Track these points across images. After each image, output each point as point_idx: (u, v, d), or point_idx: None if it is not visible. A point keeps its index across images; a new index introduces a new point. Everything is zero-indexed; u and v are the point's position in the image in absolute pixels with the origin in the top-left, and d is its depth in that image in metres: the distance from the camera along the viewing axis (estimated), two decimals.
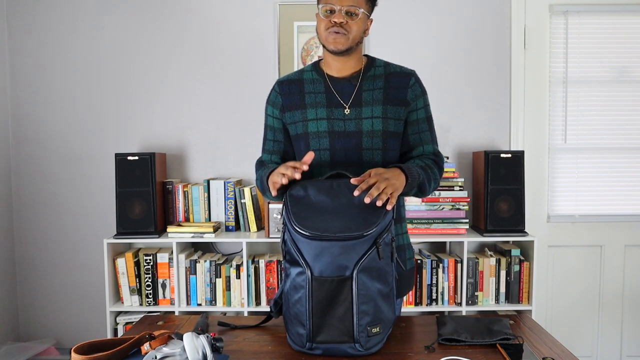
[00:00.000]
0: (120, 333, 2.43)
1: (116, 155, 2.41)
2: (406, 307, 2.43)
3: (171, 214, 2.59)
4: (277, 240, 2.39)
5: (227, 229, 2.57)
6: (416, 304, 2.45)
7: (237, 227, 2.58)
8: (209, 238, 2.41)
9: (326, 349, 1.16)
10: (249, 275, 2.42)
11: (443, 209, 2.45)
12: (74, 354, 1.09)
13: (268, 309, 2.00)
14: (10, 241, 2.72)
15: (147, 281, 2.44)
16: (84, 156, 2.72)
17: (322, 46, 1.45)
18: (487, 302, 2.44)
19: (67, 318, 2.76)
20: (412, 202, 2.44)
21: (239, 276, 2.43)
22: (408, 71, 1.48)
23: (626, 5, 2.67)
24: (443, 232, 2.44)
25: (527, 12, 2.67)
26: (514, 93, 2.69)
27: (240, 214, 2.56)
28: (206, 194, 2.57)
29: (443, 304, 2.45)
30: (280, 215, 1.28)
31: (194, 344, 1.06)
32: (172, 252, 2.43)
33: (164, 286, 2.45)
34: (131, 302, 2.45)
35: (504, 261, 2.45)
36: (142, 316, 2.25)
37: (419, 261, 2.44)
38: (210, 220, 2.58)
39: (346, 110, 1.43)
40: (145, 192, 2.41)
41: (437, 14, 2.68)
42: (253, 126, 2.69)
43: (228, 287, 2.44)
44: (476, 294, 2.44)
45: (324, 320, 1.14)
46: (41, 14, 2.68)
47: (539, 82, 2.71)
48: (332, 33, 1.38)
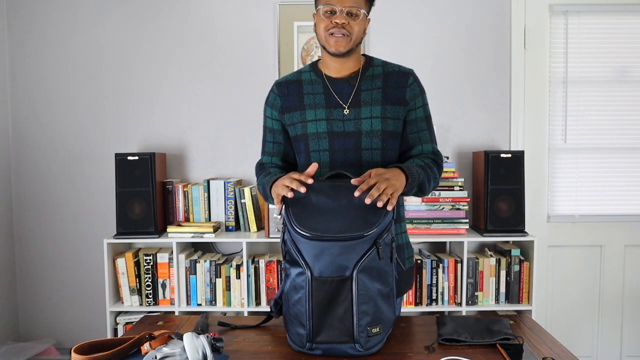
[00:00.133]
0: (120, 333, 2.44)
1: (116, 155, 2.41)
2: (406, 307, 2.43)
3: (171, 214, 2.59)
4: (277, 240, 2.39)
5: (227, 229, 2.57)
6: (416, 304, 2.45)
7: (237, 227, 2.58)
8: (209, 238, 2.41)
9: (326, 349, 1.16)
10: (249, 275, 2.42)
11: (443, 209, 2.45)
12: (74, 354, 1.09)
13: (268, 309, 2.00)
14: (10, 241, 2.72)
15: (147, 281, 2.44)
16: (84, 156, 2.72)
17: (321, 47, 1.44)
18: (487, 302, 2.44)
19: (67, 318, 2.76)
20: (412, 202, 2.44)
21: (239, 276, 2.43)
22: (406, 70, 1.48)
23: (626, 5, 2.67)
24: (443, 232, 2.44)
25: (527, 12, 2.67)
26: (514, 93, 2.69)
27: (240, 214, 2.56)
28: (206, 194, 2.57)
29: (443, 304, 2.45)
30: (280, 215, 1.28)
31: (194, 344, 1.06)
32: (172, 252, 2.43)
33: (164, 286, 2.45)
34: (131, 302, 2.45)
35: (504, 261, 2.45)
36: (142, 316, 2.25)
37: (419, 261, 2.44)
38: (210, 220, 2.58)
39: (345, 110, 1.43)
40: (145, 192, 2.42)
41: (437, 13, 2.68)
42: (253, 126, 2.69)
43: (228, 287, 2.44)
44: (476, 294, 2.44)
45: (324, 321, 1.14)
46: (41, 14, 2.68)
47: (539, 82, 2.71)
48: (333, 35, 1.37)
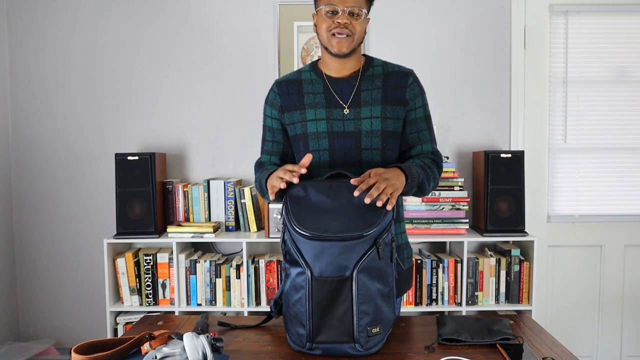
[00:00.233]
0: (120, 333, 2.44)
1: (116, 155, 2.41)
2: (406, 307, 2.43)
3: (171, 214, 2.59)
4: (277, 240, 2.39)
5: (227, 229, 2.57)
6: (416, 304, 2.45)
7: (237, 227, 2.58)
8: (209, 238, 2.41)
9: (326, 349, 1.16)
10: (249, 275, 2.42)
11: (443, 209, 2.45)
12: (74, 354, 1.09)
13: (268, 309, 2.00)
14: (10, 241, 2.72)
15: (147, 281, 2.44)
16: (84, 156, 2.72)
17: (323, 47, 1.43)
18: (487, 302, 2.44)
19: (67, 318, 2.76)
20: (412, 202, 2.44)
21: (239, 276, 2.43)
22: (406, 70, 1.48)
23: (626, 5, 2.67)
24: (443, 232, 2.44)
25: (527, 12, 2.67)
26: (514, 93, 2.69)
27: (240, 214, 2.56)
28: (206, 194, 2.57)
29: (443, 304, 2.45)
30: (280, 215, 1.28)
31: (194, 344, 1.06)
32: (172, 252, 2.43)
33: (164, 286, 2.45)
34: (131, 302, 2.45)
35: (504, 261, 2.45)
36: (142, 316, 2.25)
37: (418, 261, 2.44)
38: (210, 220, 2.58)
39: (345, 110, 1.43)
40: (145, 192, 2.42)
41: (436, 13, 2.68)
42: (253, 126, 2.69)
43: (228, 287, 2.44)
44: (476, 294, 2.44)
45: (324, 321, 1.14)
46: (41, 14, 2.68)
47: (539, 82, 2.71)
48: (335, 36, 1.37)
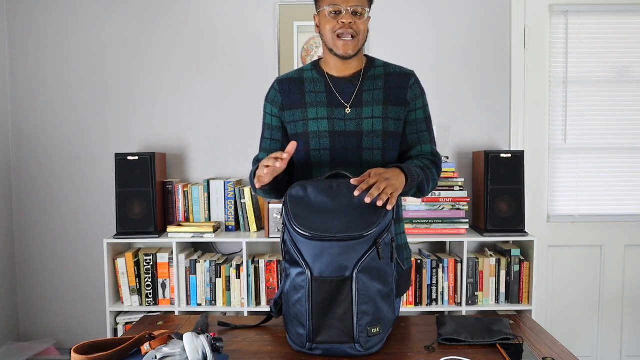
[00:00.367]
0: (120, 333, 2.44)
1: (116, 155, 2.41)
2: (406, 307, 2.43)
3: (171, 214, 2.59)
4: (277, 240, 2.39)
5: (227, 229, 2.57)
6: (416, 304, 2.45)
7: (237, 227, 2.58)
8: (209, 238, 2.41)
9: (326, 349, 1.16)
10: (249, 275, 2.42)
11: (443, 209, 2.45)
12: (74, 354, 1.09)
13: (268, 309, 2.00)
14: (10, 241, 2.72)
15: (147, 281, 2.44)
16: (84, 156, 2.72)
17: (326, 48, 1.42)
18: (487, 302, 2.44)
19: (67, 318, 2.76)
20: (412, 202, 2.44)
21: (239, 276, 2.43)
22: (407, 71, 1.48)
23: (626, 5, 2.67)
24: (443, 232, 2.44)
25: (527, 12, 2.67)
26: (514, 93, 2.69)
27: (240, 214, 2.56)
28: (206, 194, 2.57)
29: (443, 304, 2.45)
30: (280, 215, 1.28)
31: (194, 344, 1.06)
32: (172, 252, 2.43)
33: (164, 286, 2.45)
34: (131, 302, 2.45)
35: (504, 261, 2.45)
36: (142, 316, 2.25)
37: (418, 261, 2.44)
38: (210, 220, 2.58)
39: (347, 109, 1.43)
40: (145, 192, 2.41)
41: (436, 13, 2.68)
42: (253, 126, 2.69)
43: (228, 287, 2.44)
44: (476, 294, 2.44)
45: (324, 321, 1.14)
46: (41, 14, 2.68)
47: (539, 82, 2.71)
48: (340, 38, 1.37)
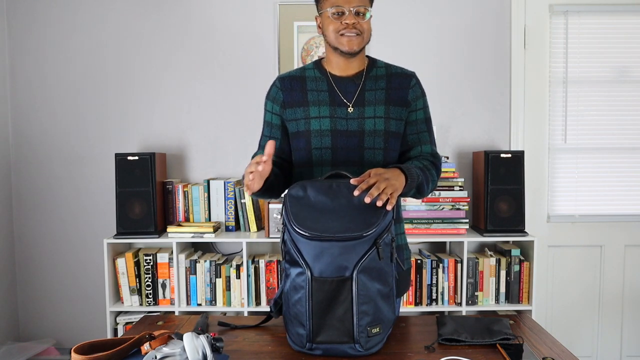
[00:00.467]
0: (120, 333, 2.44)
1: (116, 155, 2.41)
2: (406, 307, 2.43)
3: (171, 214, 2.59)
4: (277, 240, 2.39)
5: (227, 229, 2.57)
6: (416, 304, 2.45)
7: (237, 227, 2.58)
8: (209, 238, 2.41)
9: (326, 350, 1.16)
10: (249, 275, 2.42)
11: (443, 209, 2.45)
12: (74, 354, 1.09)
13: (268, 309, 2.01)
14: (10, 241, 2.72)
15: (147, 281, 2.44)
16: (84, 156, 2.72)
17: (329, 47, 1.43)
18: (487, 302, 2.44)
19: (67, 318, 2.76)
20: (412, 202, 2.44)
21: (239, 276, 2.43)
22: (409, 72, 1.50)
23: (626, 5, 2.67)
24: (443, 232, 2.44)
25: (527, 12, 2.67)
26: (514, 93, 2.69)
27: (240, 214, 2.56)
28: (206, 194, 2.57)
29: (443, 304, 2.45)
30: (280, 215, 1.28)
31: (194, 344, 1.06)
32: (172, 252, 2.43)
33: (164, 286, 2.45)
34: (131, 302, 2.45)
35: (504, 261, 2.45)
36: (142, 316, 2.25)
37: (418, 261, 2.44)
38: (210, 220, 2.58)
39: (349, 108, 1.43)
40: (145, 192, 2.41)
41: (436, 13, 2.68)
42: (253, 126, 2.69)
43: (228, 287, 2.44)
44: (476, 294, 2.44)
45: (324, 321, 1.14)
46: (41, 14, 2.68)
47: (539, 82, 2.71)
48: (345, 35, 1.38)
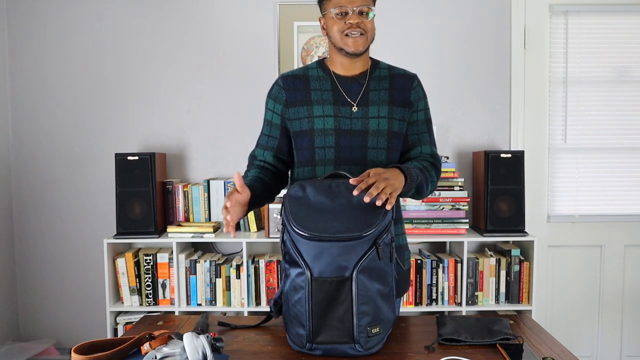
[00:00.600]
0: (120, 333, 2.44)
1: (116, 155, 2.41)
2: (406, 307, 2.43)
3: (171, 214, 2.59)
4: (277, 240, 2.39)
5: None
6: (416, 304, 2.45)
7: (237, 227, 2.58)
8: (209, 238, 2.41)
9: (326, 350, 1.16)
10: (249, 275, 2.42)
11: (443, 209, 2.45)
12: (74, 354, 1.09)
13: (268, 309, 2.01)
14: (10, 241, 2.72)
15: (147, 281, 2.44)
16: (84, 156, 2.72)
17: (334, 48, 1.43)
18: (487, 302, 2.44)
19: (67, 318, 2.76)
20: (412, 202, 2.44)
21: (239, 276, 2.43)
22: (411, 74, 1.51)
23: (626, 5, 2.67)
24: (443, 232, 2.44)
25: (527, 12, 2.67)
26: (514, 93, 2.68)
27: None
28: (206, 194, 2.57)
29: (443, 304, 2.45)
30: (280, 215, 1.28)
31: (194, 344, 1.06)
32: (172, 252, 2.43)
33: (164, 286, 2.45)
34: (131, 302, 2.45)
35: (504, 261, 2.45)
36: (142, 316, 2.25)
37: (418, 261, 2.44)
38: (210, 220, 2.58)
39: (354, 108, 1.43)
40: (145, 192, 2.41)
41: (437, 13, 2.68)
42: (253, 126, 2.69)
43: (228, 287, 2.44)
44: (476, 294, 2.44)
45: (324, 321, 1.14)
46: (41, 14, 2.68)
47: (539, 82, 2.71)
48: (349, 36, 1.38)
